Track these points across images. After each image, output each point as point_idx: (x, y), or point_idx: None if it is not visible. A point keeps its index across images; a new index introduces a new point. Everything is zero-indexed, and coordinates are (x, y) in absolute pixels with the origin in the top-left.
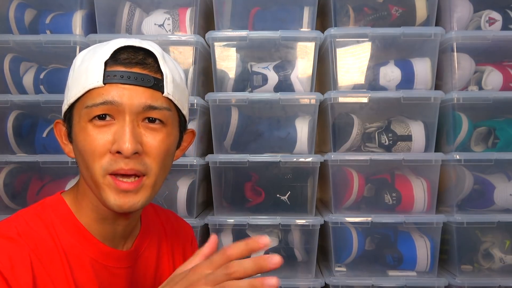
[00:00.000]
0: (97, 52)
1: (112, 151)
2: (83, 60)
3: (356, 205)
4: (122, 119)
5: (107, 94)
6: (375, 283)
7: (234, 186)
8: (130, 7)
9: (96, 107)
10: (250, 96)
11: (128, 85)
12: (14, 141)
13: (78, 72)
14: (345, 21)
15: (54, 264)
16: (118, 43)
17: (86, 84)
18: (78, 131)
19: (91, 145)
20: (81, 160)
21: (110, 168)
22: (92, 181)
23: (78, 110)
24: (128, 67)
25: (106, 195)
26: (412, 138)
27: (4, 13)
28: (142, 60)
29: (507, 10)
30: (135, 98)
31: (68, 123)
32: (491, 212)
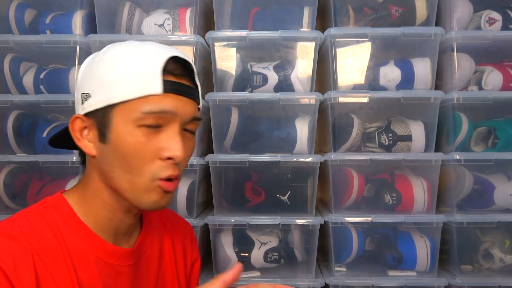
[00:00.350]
0: (147, 57)
1: (162, 157)
2: (127, 61)
3: (356, 205)
4: (172, 127)
5: (166, 103)
6: (375, 283)
7: (234, 186)
8: (130, 7)
9: (153, 115)
10: (250, 96)
11: (182, 97)
12: (14, 141)
13: (125, 72)
14: (345, 21)
15: (58, 264)
16: (166, 52)
17: (142, 89)
18: (124, 134)
19: (142, 150)
20: (119, 162)
21: (161, 174)
22: (133, 183)
23: (124, 111)
24: (179, 78)
25: (149, 196)
26: (412, 138)
27: (4, 13)
28: (190, 74)
29: (507, 10)
30: (187, 109)
31: (100, 122)
32: (491, 212)
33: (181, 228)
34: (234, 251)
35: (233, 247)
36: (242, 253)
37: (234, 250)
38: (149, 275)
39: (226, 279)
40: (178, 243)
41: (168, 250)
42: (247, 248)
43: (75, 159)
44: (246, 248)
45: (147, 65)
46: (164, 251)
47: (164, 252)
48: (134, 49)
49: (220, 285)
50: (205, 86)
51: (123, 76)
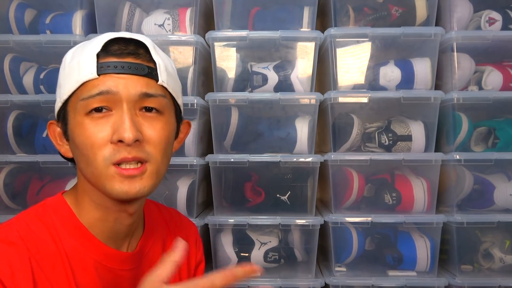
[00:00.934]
0: (87, 46)
1: (113, 141)
2: (73, 56)
3: (356, 205)
4: (119, 108)
5: (103, 84)
6: (375, 283)
7: (234, 186)
8: (130, 7)
9: (92, 99)
10: (250, 96)
11: (123, 75)
12: (14, 141)
13: (69, 67)
14: (345, 21)
15: (56, 268)
16: (108, 35)
17: (79, 78)
18: (75, 126)
19: (90, 138)
20: (80, 155)
21: (113, 158)
22: (94, 174)
23: (73, 105)
24: (121, 58)
25: (111, 184)
26: (412, 138)
27: (4, 13)
28: (134, 50)
29: (507, 10)
30: (131, 86)
31: (62, 121)
32: (491, 212)
33: (185, 229)
34: (234, 251)
35: (233, 247)
36: (242, 253)
37: (234, 250)
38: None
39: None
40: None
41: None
42: (247, 248)
43: None
44: (246, 248)
45: (85, 53)
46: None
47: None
48: (83, 44)
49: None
50: (205, 86)
51: (67, 71)
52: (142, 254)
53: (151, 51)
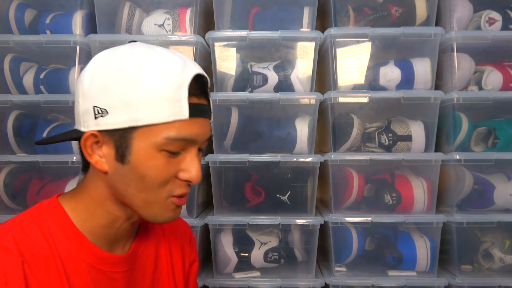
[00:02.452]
0: (172, 77)
1: (181, 178)
2: (152, 81)
3: (356, 205)
4: (192, 150)
5: (191, 130)
6: (375, 283)
7: (234, 186)
8: (130, 7)
9: (176, 142)
10: (250, 96)
11: (203, 119)
12: (14, 141)
13: (150, 95)
14: (345, 21)
15: (49, 272)
16: (189, 69)
17: (169, 115)
18: (146, 157)
19: (162, 175)
20: (136, 182)
21: (175, 192)
22: (147, 201)
23: (148, 135)
24: (199, 99)
25: (164, 212)
26: (412, 138)
27: (4, 13)
28: (206, 90)
29: (507, 10)
30: (206, 131)
31: (119, 142)
32: (491, 212)
33: (179, 229)
34: (234, 251)
35: (233, 247)
36: (242, 253)
37: (234, 250)
38: (144, 279)
39: None
40: (176, 245)
41: (164, 253)
42: (247, 248)
43: (75, 159)
44: (246, 248)
45: (173, 88)
46: (161, 254)
47: (160, 255)
48: (155, 64)
49: None
50: None
51: (148, 98)
52: (135, 256)
53: (208, 89)
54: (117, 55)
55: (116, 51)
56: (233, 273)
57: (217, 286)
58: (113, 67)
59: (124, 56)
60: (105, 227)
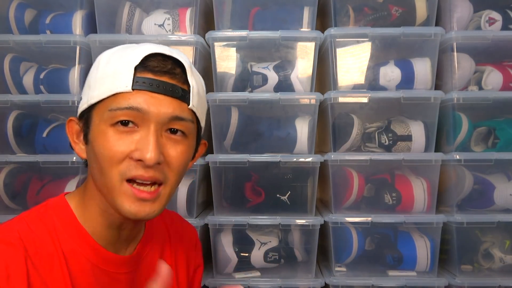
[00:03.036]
0: (126, 55)
1: (133, 157)
2: (109, 61)
3: (356, 205)
4: (146, 127)
5: (134, 100)
6: (375, 283)
7: (234, 186)
8: (130, 7)
9: (121, 111)
10: (250, 96)
11: (156, 94)
12: (14, 141)
13: (103, 72)
14: (345, 21)
15: (53, 270)
16: (149, 49)
17: (112, 87)
18: (97, 134)
19: (111, 150)
20: (95, 164)
21: (128, 173)
22: (107, 186)
23: (99, 112)
24: (157, 75)
25: (122, 202)
26: (412, 138)
27: (4, 13)
28: (171, 70)
29: (507, 10)
30: (162, 107)
31: (85, 123)
32: (491, 212)
33: (186, 233)
34: (234, 251)
35: (233, 247)
36: (242, 253)
37: (234, 250)
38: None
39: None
40: (181, 249)
41: (168, 257)
42: (247, 248)
43: (75, 159)
44: (246, 248)
45: (123, 63)
46: (165, 258)
47: (164, 259)
48: (121, 50)
49: None
50: (205, 86)
51: (101, 75)
52: (140, 258)
53: (188, 73)
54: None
55: None
56: (233, 273)
57: (217, 286)
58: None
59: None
60: (103, 225)
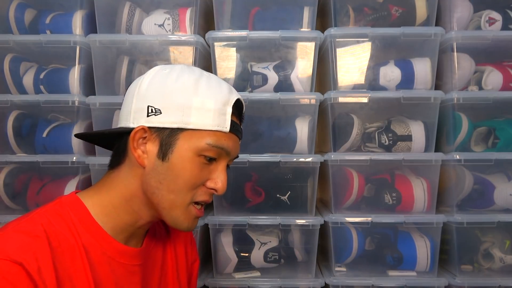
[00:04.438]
0: (220, 94)
1: (208, 186)
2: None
3: (356, 205)
4: (223, 163)
5: (228, 143)
6: (375, 283)
7: (234, 186)
8: (130, 7)
9: (215, 149)
10: (250, 96)
11: (237, 137)
12: (14, 141)
13: (202, 104)
14: (345, 21)
15: (75, 262)
16: (234, 93)
17: (215, 124)
18: (184, 159)
19: (195, 178)
20: (168, 181)
21: (199, 198)
22: (172, 203)
23: (190, 138)
24: (237, 120)
25: (183, 220)
26: (412, 138)
27: (4, 13)
28: (243, 115)
29: (507, 10)
30: (237, 149)
31: (165, 140)
32: (491, 212)
33: None
34: (234, 251)
35: (233, 247)
36: (242, 253)
37: (234, 250)
38: (154, 273)
39: None
40: (180, 244)
41: (170, 251)
42: (247, 248)
43: (75, 159)
44: (246, 248)
45: (221, 103)
46: (167, 251)
47: (166, 252)
48: (208, 81)
49: None
50: None
51: (199, 106)
52: (147, 251)
53: (244, 113)
54: (176, 69)
55: (174, 66)
56: (233, 273)
57: (217, 286)
58: (172, 76)
59: (183, 70)
60: (127, 223)
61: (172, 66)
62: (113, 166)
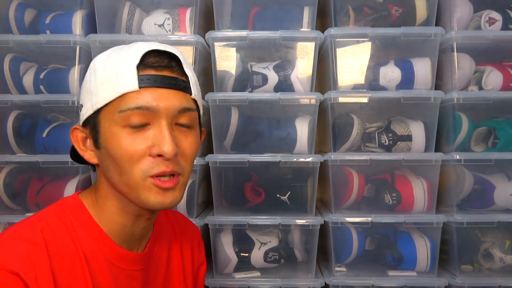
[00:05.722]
0: (124, 57)
1: (152, 154)
2: (106, 65)
3: (356, 205)
4: (158, 123)
5: (143, 98)
6: (375, 283)
7: (234, 186)
8: (130, 7)
9: (131, 112)
10: (250, 96)
11: (162, 89)
12: (14, 141)
13: (103, 76)
14: (345, 21)
15: (75, 268)
16: (144, 47)
17: (119, 88)
18: (110, 137)
19: (128, 151)
20: (113, 165)
21: (151, 171)
22: (128, 184)
23: (107, 115)
24: (158, 71)
25: (147, 195)
26: (412, 138)
27: (4, 13)
28: (169, 63)
29: (507, 10)
30: (170, 101)
31: (92, 129)
32: (491, 212)
33: (189, 232)
34: (234, 251)
35: (233, 247)
36: (242, 253)
37: (234, 250)
38: (157, 277)
39: None
40: (187, 247)
41: (176, 253)
42: (247, 248)
43: None
44: (246, 248)
45: (123, 64)
46: (172, 254)
47: (172, 255)
48: (116, 52)
49: None
50: (205, 86)
51: (102, 80)
52: (150, 255)
53: (183, 64)
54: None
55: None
56: (233, 273)
57: (217, 286)
58: (89, 68)
59: (97, 56)
60: (119, 224)
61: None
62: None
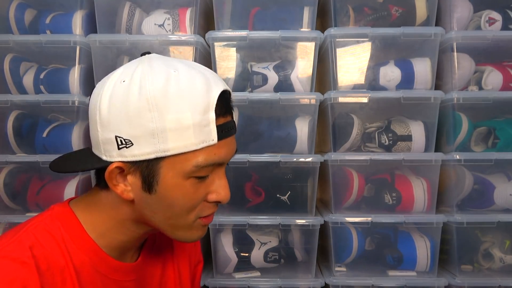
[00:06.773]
0: (196, 100)
1: (210, 200)
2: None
3: (356, 205)
4: (219, 171)
5: (220, 154)
6: (375, 283)
7: (234, 186)
8: (130, 7)
9: (206, 168)
10: (250, 96)
11: (230, 138)
12: (14, 141)
13: (175, 122)
14: (345, 21)
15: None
16: (214, 88)
17: (198, 142)
18: (173, 187)
19: (191, 202)
20: (164, 211)
21: (203, 213)
22: (173, 225)
23: (176, 165)
24: (225, 117)
25: (192, 233)
26: (412, 138)
27: (4, 13)
28: (228, 105)
29: (507, 10)
30: (232, 149)
31: (147, 173)
32: (491, 212)
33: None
34: (234, 251)
35: (233, 247)
36: (242, 253)
37: (234, 250)
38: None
39: None
40: (183, 248)
41: (171, 258)
42: (247, 248)
43: None
44: (246, 248)
45: (200, 112)
46: (167, 260)
47: (167, 261)
48: (178, 87)
49: None
50: None
51: (174, 126)
52: (144, 264)
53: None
54: (135, 79)
55: (133, 73)
56: (233, 273)
57: (217, 286)
58: (133, 93)
59: (144, 79)
60: (121, 241)
61: (132, 73)
62: (100, 186)
